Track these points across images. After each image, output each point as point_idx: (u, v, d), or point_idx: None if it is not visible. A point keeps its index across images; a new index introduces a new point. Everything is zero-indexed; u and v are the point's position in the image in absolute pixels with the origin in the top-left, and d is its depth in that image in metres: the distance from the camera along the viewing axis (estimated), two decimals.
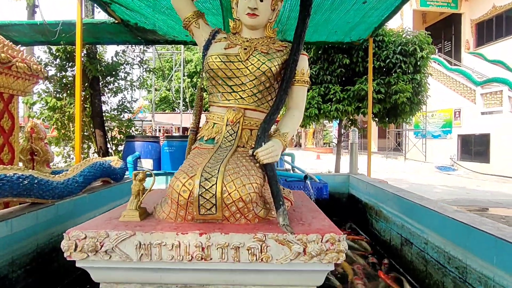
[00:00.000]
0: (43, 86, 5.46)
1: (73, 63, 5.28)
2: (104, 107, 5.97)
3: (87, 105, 5.53)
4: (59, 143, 5.65)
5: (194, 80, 25.96)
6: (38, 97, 5.27)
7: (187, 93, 23.87)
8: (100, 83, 5.71)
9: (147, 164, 5.29)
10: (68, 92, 5.39)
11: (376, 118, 6.04)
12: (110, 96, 6.28)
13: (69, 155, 5.80)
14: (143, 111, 21.51)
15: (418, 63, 5.51)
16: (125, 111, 6.62)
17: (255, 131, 1.67)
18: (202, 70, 1.82)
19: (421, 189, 6.69)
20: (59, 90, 5.43)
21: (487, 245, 1.45)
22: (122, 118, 6.59)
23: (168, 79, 24.26)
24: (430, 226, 1.96)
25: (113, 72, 5.87)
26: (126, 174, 3.13)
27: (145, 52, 7.29)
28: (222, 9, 3.29)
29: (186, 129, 19.05)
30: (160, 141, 5.97)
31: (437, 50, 14.40)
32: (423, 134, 14.82)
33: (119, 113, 6.50)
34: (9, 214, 1.68)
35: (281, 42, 1.81)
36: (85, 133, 5.59)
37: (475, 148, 11.83)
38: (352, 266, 2.29)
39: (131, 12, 3.43)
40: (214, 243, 1.23)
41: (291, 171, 4.36)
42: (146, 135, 7.03)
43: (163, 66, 22.57)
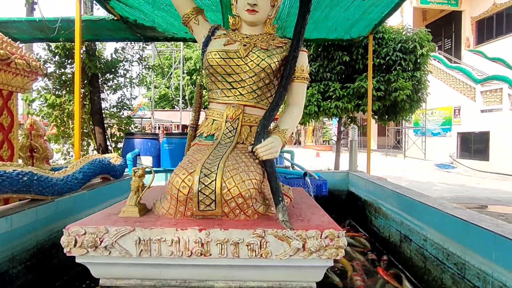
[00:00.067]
0: (42, 83, 5.46)
1: (72, 60, 5.26)
2: (103, 104, 5.96)
3: (87, 102, 5.52)
4: (59, 140, 5.65)
5: (194, 77, 25.89)
6: (37, 94, 5.25)
7: (186, 90, 23.84)
8: (100, 80, 5.70)
9: (146, 161, 5.29)
10: (68, 89, 5.37)
11: (375, 116, 6.05)
12: (110, 93, 6.28)
13: (68, 152, 5.80)
14: (143, 108, 21.48)
15: (418, 61, 5.51)
16: (125, 108, 6.62)
17: (254, 127, 1.67)
18: (202, 66, 1.82)
19: (420, 187, 6.70)
20: (58, 87, 5.42)
21: (486, 241, 1.45)
22: (122, 116, 6.59)
23: (168, 76, 24.20)
24: (429, 222, 1.96)
25: (113, 69, 5.86)
26: (125, 171, 3.13)
27: (144, 49, 7.27)
28: (222, 6, 3.28)
29: (185, 126, 19.04)
30: (160, 138, 5.97)
31: (437, 47, 14.38)
32: (423, 132, 14.82)
33: (118, 110, 6.50)
34: (9, 210, 1.68)
35: (280, 39, 1.81)
36: (84, 130, 5.58)
37: (474, 146, 11.83)
38: (351, 263, 2.30)
39: (130, 8, 3.42)
40: (214, 239, 1.23)
41: (291, 168, 4.36)
42: (146, 132, 7.03)
43: (162, 63, 22.50)
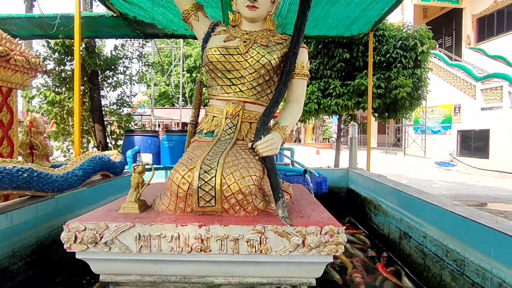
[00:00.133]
0: (41, 80, 5.44)
1: (71, 57, 5.25)
2: (103, 101, 5.95)
3: (86, 99, 5.51)
4: (58, 138, 5.65)
5: (194, 75, 25.83)
6: (37, 91, 5.24)
7: (186, 88, 23.78)
8: (99, 77, 5.68)
9: (146, 158, 5.29)
10: (67, 86, 5.36)
11: (376, 113, 6.04)
12: (109, 90, 6.26)
13: (68, 150, 5.79)
14: (142, 106, 21.45)
15: (419, 58, 5.49)
16: (124, 105, 6.61)
17: (254, 124, 1.67)
18: (202, 63, 1.81)
19: (420, 185, 6.70)
20: (58, 84, 5.40)
21: (485, 238, 1.45)
22: (122, 113, 6.58)
23: (167, 73, 24.15)
24: (428, 219, 1.97)
25: (112, 66, 5.84)
26: (125, 168, 3.13)
27: (144, 46, 7.25)
28: (221, 2, 3.27)
29: (185, 124, 18.99)
30: (160, 136, 5.96)
31: (437, 45, 14.34)
32: (423, 129, 14.80)
33: (118, 107, 6.49)
34: (9, 206, 1.68)
35: (281, 35, 1.80)
36: (84, 128, 5.58)
37: (474, 143, 11.83)
38: (351, 260, 2.30)
39: (130, 5, 3.41)
40: (214, 235, 1.24)
41: (291, 165, 4.36)
42: (146, 130, 7.03)
43: (162, 61, 22.44)
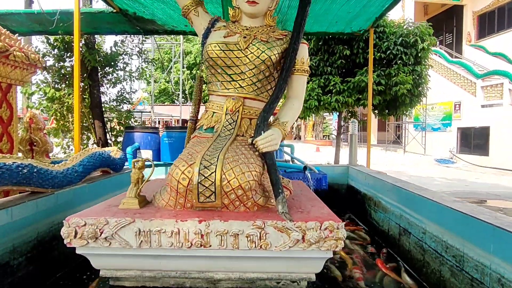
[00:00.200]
0: (41, 76, 5.43)
1: (71, 53, 5.23)
2: (103, 98, 5.94)
3: (86, 96, 5.50)
4: (58, 134, 5.64)
5: (194, 72, 25.76)
6: (37, 88, 5.23)
7: (186, 85, 23.74)
8: (99, 73, 5.67)
9: (146, 155, 5.30)
10: (67, 82, 5.35)
11: (376, 110, 6.03)
12: (109, 87, 6.25)
13: (68, 146, 5.79)
14: (142, 102, 21.42)
15: (419, 55, 5.48)
16: (124, 102, 6.60)
17: (254, 120, 1.67)
18: (202, 59, 1.81)
19: (420, 182, 6.71)
20: (57, 80, 5.40)
21: (484, 233, 1.45)
22: (121, 109, 6.57)
23: (167, 70, 24.09)
24: (428, 216, 1.97)
25: (112, 63, 5.83)
26: (125, 165, 3.13)
27: (144, 43, 7.22)
28: None
29: (185, 121, 18.97)
30: (160, 132, 5.96)
31: (438, 42, 14.30)
32: (423, 127, 14.80)
33: (118, 104, 6.48)
34: (9, 202, 1.68)
35: (281, 31, 1.80)
36: (84, 124, 5.57)
37: (474, 141, 11.83)
38: (351, 256, 2.31)
39: (129, 1, 3.39)
40: (214, 230, 1.24)
41: (291, 162, 4.36)
42: (146, 126, 7.02)
43: (162, 57, 22.38)
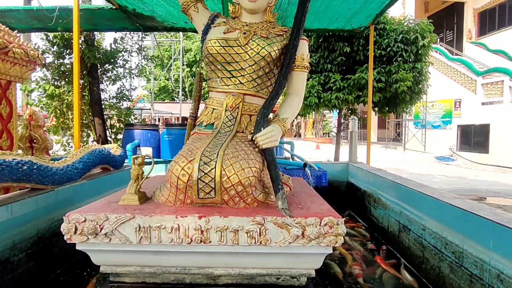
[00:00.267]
0: (40, 73, 5.41)
1: (70, 50, 5.22)
2: (102, 95, 5.93)
3: (86, 93, 5.49)
4: (58, 132, 5.64)
5: (194, 69, 25.70)
6: (36, 85, 5.22)
7: (186, 82, 23.70)
8: (99, 71, 5.65)
9: (146, 152, 5.29)
10: (66, 79, 5.34)
11: (376, 108, 6.02)
12: (109, 84, 6.24)
13: (68, 144, 5.79)
14: (142, 100, 21.40)
15: (419, 52, 5.46)
16: (124, 99, 6.59)
17: (254, 116, 1.66)
18: (201, 55, 1.80)
19: (420, 179, 6.68)
20: (57, 77, 5.38)
21: (484, 230, 1.46)
22: (121, 107, 6.56)
23: (167, 68, 24.04)
24: (428, 212, 1.97)
25: (112, 60, 5.81)
26: (125, 162, 3.13)
27: (143, 40, 7.20)
28: None
29: (185, 118, 18.95)
30: (160, 130, 5.96)
31: (438, 39, 14.23)
32: (423, 124, 14.78)
33: (118, 101, 6.47)
34: (9, 199, 1.68)
35: (281, 27, 1.79)
36: (84, 121, 5.56)
37: (474, 138, 11.82)
38: (351, 252, 2.32)
39: None
40: (213, 226, 1.24)
41: (291, 159, 4.36)
42: (146, 123, 7.02)
43: (162, 55, 22.31)
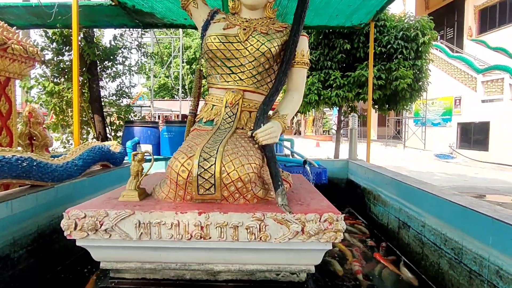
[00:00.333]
0: (40, 70, 5.40)
1: (70, 47, 5.20)
2: (102, 92, 5.91)
3: (85, 90, 5.48)
4: (58, 129, 5.63)
5: (193, 66, 25.64)
6: (36, 82, 5.20)
7: (186, 80, 23.64)
8: (98, 67, 5.64)
9: (146, 149, 5.28)
10: (66, 76, 5.33)
11: (376, 105, 6.01)
12: (108, 81, 6.22)
13: (68, 141, 5.78)
14: (142, 97, 21.35)
15: (420, 49, 5.44)
16: (124, 96, 6.57)
17: (254, 113, 1.66)
18: (201, 51, 1.80)
19: (420, 177, 6.65)
20: (56, 74, 5.36)
21: (483, 226, 1.46)
22: (121, 104, 6.55)
23: (167, 65, 23.96)
24: (427, 209, 1.97)
25: (111, 57, 5.79)
26: (125, 159, 3.13)
27: (143, 37, 7.17)
28: None
29: (185, 116, 18.94)
30: (159, 127, 5.95)
31: (439, 37, 14.18)
32: (423, 122, 14.77)
33: (117, 98, 6.46)
34: (9, 195, 1.68)
35: (281, 23, 1.79)
36: (83, 119, 5.56)
37: (474, 136, 11.82)
38: (351, 249, 2.33)
39: None
40: (213, 222, 1.24)
41: (290, 156, 4.36)
42: (145, 121, 7.01)
43: (161, 52, 22.24)
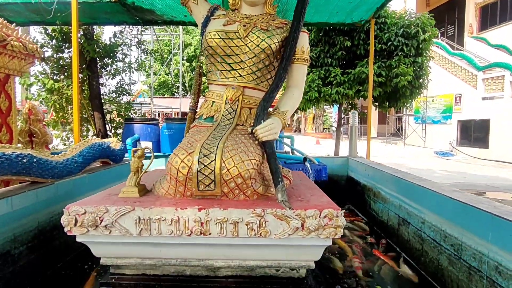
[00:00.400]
0: (39, 67, 5.39)
1: (70, 44, 5.18)
2: (102, 89, 5.90)
3: (85, 87, 5.47)
4: (58, 126, 5.62)
5: (193, 64, 25.60)
6: (35, 79, 5.19)
7: (186, 77, 23.61)
8: (98, 65, 5.62)
9: (146, 145, 5.28)
10: (66, 74, 5.31)
11: (376, 102, 6.00)
12: (108, 78, 6.21)
13: (68, 138, 5.77)
14: (142, 95, 21.34)
15: (420, 46, 5.43)
16: (124, 93, 6.56)
17: (254, 109, 1.66)
18: (201, 48, 1.79)
19: (420, 174, 6.64)
20: (56, 71, 5.35)
21: (483, 222, 1.46)
22: (121, 101, 6.54)
23: (167, 62, 23.92)
24: (427, 205, 1.97)
25: (111, 54, 5.78)
26: (125, 156, 3.13)
27: (142, 34, 7.15)
28: None
29: (185, 113, 18.92)
30: (159, 124, 5.95)
31: (439, 34, 14.14)
32: (423, 119, 14.76)
33: (117, 95, 6.44)
34: (10, 192, 1.69)
35: (281, 19, 1.78)
36: (83, 116, 5.55)
37: (474, 133, 11.81)
38: (351, 245, 2.33)
39: None
40: (213, 218, 1.24)
41: (290, 153, 4.36)
42: (145, 118, 7.01)
43: (161, 49, 22.19)
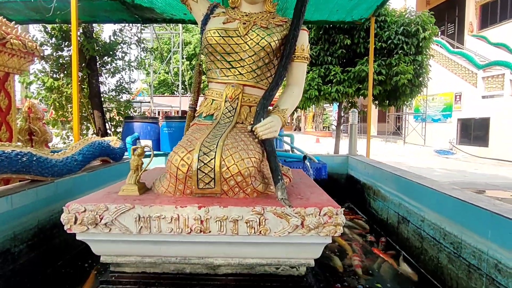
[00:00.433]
0: (39, 66, 5.37)
1: (69, 43, 5.17)
2: (102, 88, 5.89)
3: (85, 85, 5.46)
4: (57, 124, 5.62)
5: (193, 62, 25.56)
6: (35, 77, 5.18)
7: (186, 76, 23.57)
8: (98, 63, 5.62)
9: (146, 143, 5.27)
10: (65, 72, 5.30)
11: (376, 101, 6.01)
12: (108, 76, 6.20)
13: (67, 137, 5.77)
14: (142, 94, 21.32)
15: (420, 44, 5.43)
16: (124, 92, 6.55)
17: (254, 107, 1.66)
18: (201, 46, 1.79)
19: (419, 172, 6.64)
20: (55, 70, 5.34)
21: (483, 220, 1.46)
22: (121, 99, 6.53)
23: (166, 61, 23.87)
24: (427, 203, 1.98)
25: (111, 52, 5.77)
26: (125, 155, 3.13)
27: (142, 32, 7.13)
28: None
29: (185, 112, 18.93)
30: (159, 122, 5.94)
31: (440, 32, 14.11)
32: (423, 118, 14.76)
33: (117, 94, 6.44)
34: (9, 190, 1.69)
35: (281, 17, 1.78)
36: (83, 114, 5.54)
37: (474, 132, 11.81)
38: (351, 243, 2.33)
39: None
40: (213, 216, 1.24)
41: (290, 152, 4.36)
42: (145, 116, 6.99)
43: (161, 48, 22.15)
